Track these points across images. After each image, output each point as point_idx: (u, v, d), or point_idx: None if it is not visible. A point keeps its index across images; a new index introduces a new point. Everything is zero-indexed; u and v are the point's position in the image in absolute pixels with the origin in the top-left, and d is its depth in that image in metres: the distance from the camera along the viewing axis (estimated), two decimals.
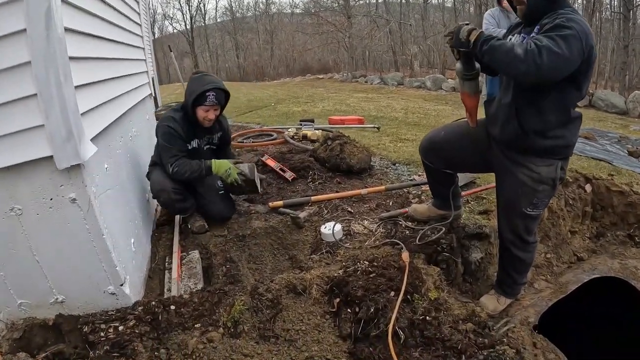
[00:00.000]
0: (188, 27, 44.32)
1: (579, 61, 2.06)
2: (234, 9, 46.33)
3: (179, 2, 45.65)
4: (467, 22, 2.29)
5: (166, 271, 3.10)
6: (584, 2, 20.28)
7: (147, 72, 4.91)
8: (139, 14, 4.85)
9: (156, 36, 41.14)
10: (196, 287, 2.89)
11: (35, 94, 1.89)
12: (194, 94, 3.17)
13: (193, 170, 3.20)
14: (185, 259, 3.18)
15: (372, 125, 7.13)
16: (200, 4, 45.65)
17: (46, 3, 1.79)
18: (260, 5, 45.48)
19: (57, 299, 2.39)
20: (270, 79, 35.51)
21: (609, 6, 22.15)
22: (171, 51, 7.99)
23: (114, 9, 3.29)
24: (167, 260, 3.22)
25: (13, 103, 1.91)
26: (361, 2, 31.42)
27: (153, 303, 2.45)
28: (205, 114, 3.27)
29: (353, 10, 29.31)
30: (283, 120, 9.31)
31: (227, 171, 3.26)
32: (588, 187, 4.24)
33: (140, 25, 4.81)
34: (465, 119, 2.71)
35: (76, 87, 2.02)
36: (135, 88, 3.92)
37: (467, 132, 2.74)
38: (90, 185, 2.13)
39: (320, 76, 30.34)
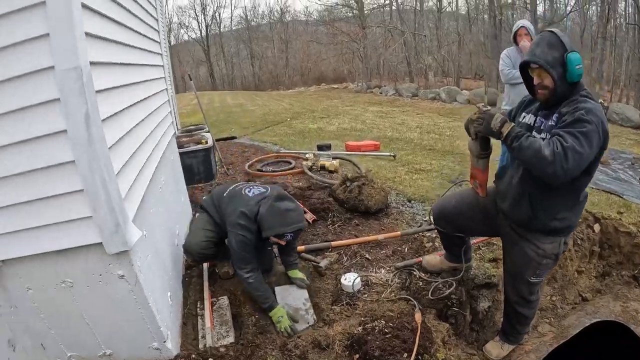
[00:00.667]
0: (203, 34, 44.76)
1: (597, 151, 2.25)
2: (248, 17, 46.64)
3: (195, 12, 45.90)
4: (489, 107, 2.48)
5: (199, 317, 3.33)
6: (598, 11, 20.24)
7: (171, 111, 5.15)
8: (161, 58, 5.05)
9: (172, 44, 41.65)
10: (228, 334, 3.12)
11: (82, 190, 2.09)
12: (273, 232, 3.15)
13: (261, 295, 3.25)
14: (215, 305, 3.42)
15: (388, 153, 7.33)
16: (215, 12, 46.06)
17: (84, 107, 1.96)
18: (275, 14, 45.79)
19: (105, 352, 2.64)
20: (285, 88, 35.75)
21: (623, 13, 22.08)
22: (191, 79, 8.22)
23: (140, 64, 3.49)
24: (198, 305, 3.45)
25: (62, 196, 2.11)
26: (374, 8, 31.54)
27: (193, 356, 2.71)
28: (279, 241, 3.32)
29: (367, 20, 29.43)
30: (300, 141, 9.52)
31: (279, 318, 3.16)
32: (597, 227, 4.41)
33: (164, 77, 4.98)
34: (472, 187, 2.90)
35: (117, 174, 2.22)
36: (162, 136, 4.09)
37: (476, 202, 2.93)
38: (135, 261, 2.36)
39: (335, 86, 30.55)
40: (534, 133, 2.46)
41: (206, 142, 6.64)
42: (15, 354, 2.48)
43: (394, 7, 29.87)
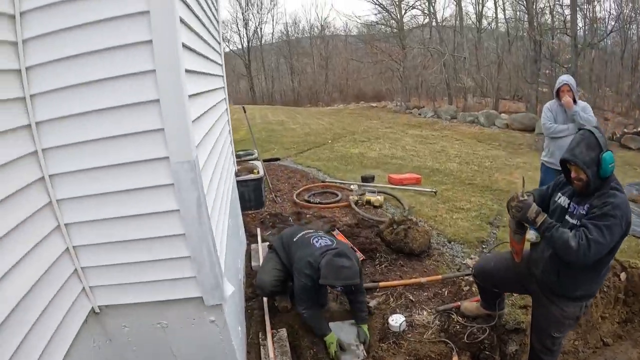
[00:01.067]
0: (245, 48, 45.74)
1: (619, 239, 2.67)
2: (289, 33, 47.41)
3: (237, 26, 46.91)
4: (526, 197, 2.89)
5: (261, 347, 3.79)
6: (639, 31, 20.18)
7: (232, 150, 5.69)
8: (225, 102, 5.59)
9: None
10: None
11: (189, 256, 2.54)
12: (326, 281, 3.52)
13: (315, 325, 3.78)
14: (275, 337, 3.88)
15: (429, 189, 7.72)
16: (257, 28, 47.06)
17: (196, 192, 2.39)
18: (315, 29, 46.51)
19: None
20: (324, 105, 36.25)
21: None
22: (245, 112, 8.84)
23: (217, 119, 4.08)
24: (260, 335, 3.93)
25: (173, 260, 2.57)
26: (415, 27, 31.80)
27: None
28: (332, 289, 3.98)
29: (407, 41, 29.71)
30: (342, 167, 10.01)
31: (329, 344, 3.66)
32: (623, 276, 4.69)
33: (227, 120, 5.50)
34: (511, 251, 3.32)
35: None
36: (230, 183, 4.64)
37: (512, 265, 3.33)
38: (225, 309, 2.83)
39: (374, 104, 30.80)
40: (566, 217, 2.87)
41: (258, 172, 7.15)
42: None
43: (433, 24, 30.09)
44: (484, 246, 5.36)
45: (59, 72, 2.15)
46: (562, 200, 2.98)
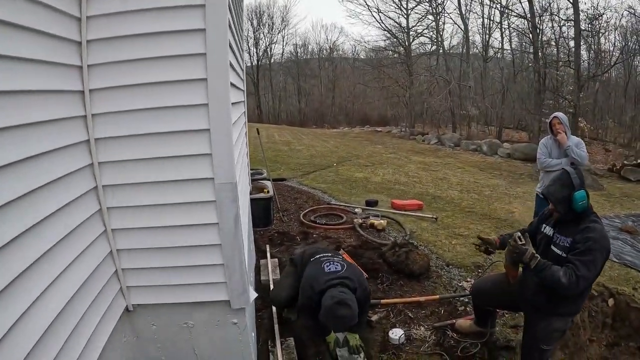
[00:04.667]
0: (254, 65, 46.46)
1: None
2: (299, 54, 48.14)
3: (247, 44, 47.67)
4: (523, 241, 3.22)
5: (270, 354, 4.13)
6: None
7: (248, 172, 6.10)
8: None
9: None
10: None
11: (223, 264, 2.93)
12: (323, 322, 3.50)
13: (311, 337, 4.09)
14: (284, 345, 4.22)
15: (430, 216, 8.11)
16: (267, 47, 47.82)
17: (235, 209, 2.81)
18: (324, 52, 47.24)
19: None
20: (329, 127, 36.70)
21: None
22: (258, 133, 9.32)
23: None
24: (269, 343, 4.26)
25: (209, 266, 2.95)
26: (423, 53, 32.30)
27: None
28: None
29: (414, 67, 30.21)
30: (347, 190, 10.41)
31: (330, 342, 3.96)
32: (611, 302, 5.00)
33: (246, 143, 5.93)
34: (506, 273, 3.68)
35: None
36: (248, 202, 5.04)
37: (506, 286, 3.68)
38: (246, 313, 3.21)
39: (379, 129, 31.25)
40: (551, 247, 3.26)
41: (268, 192, 7.55)
42: None
43: (440, 52, 30.58)
44: (479, 270, 5.70)
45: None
46: (547, 230, 3.38)
